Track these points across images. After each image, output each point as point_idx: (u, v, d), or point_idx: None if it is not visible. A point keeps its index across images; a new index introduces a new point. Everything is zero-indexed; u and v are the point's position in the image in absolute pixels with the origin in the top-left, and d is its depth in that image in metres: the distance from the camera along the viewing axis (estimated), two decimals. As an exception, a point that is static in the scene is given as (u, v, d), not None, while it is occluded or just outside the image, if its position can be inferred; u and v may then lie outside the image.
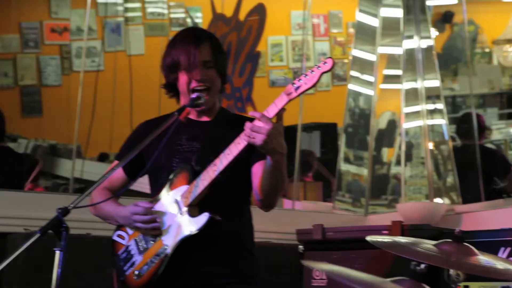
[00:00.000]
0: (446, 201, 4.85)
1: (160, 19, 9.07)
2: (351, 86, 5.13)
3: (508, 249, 3.24)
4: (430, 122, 4.96)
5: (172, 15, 9.22)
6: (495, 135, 11.33)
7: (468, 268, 2.54)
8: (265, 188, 2.55)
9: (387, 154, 5.02)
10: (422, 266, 2.01)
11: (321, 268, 2.18)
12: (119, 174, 2.75)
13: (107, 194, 2.73)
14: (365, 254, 3.53)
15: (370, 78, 5.01)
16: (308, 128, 8.18)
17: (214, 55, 2.69)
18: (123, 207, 2.69)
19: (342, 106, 5.18)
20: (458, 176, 4.99)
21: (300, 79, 2.45)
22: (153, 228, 2.60)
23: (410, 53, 4.94)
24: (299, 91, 2.44)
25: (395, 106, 4.97)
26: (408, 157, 4.90)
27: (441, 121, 5.02)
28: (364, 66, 5.05)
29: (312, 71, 2.44)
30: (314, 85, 2.44)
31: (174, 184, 2.65)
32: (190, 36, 2.72)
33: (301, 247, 3.87)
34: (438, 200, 4.82)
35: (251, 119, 2.48)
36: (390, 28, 4.99)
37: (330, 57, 2.48)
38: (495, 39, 11.34)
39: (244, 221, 2.71)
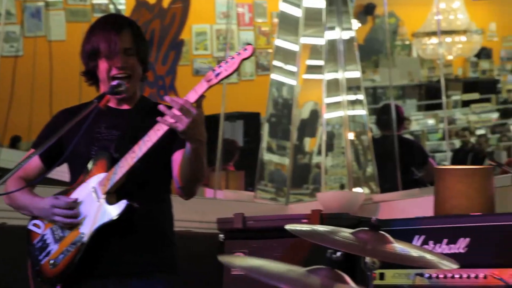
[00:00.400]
0: (366, 190, 4.94)
1: (82, 5, 8.91)
2: (274, 76, 5.16)
3: (423, 237, 3.32)
4: (351, 112, 5.03)
5: (95, 1, 9.07)
6: (414, 126, 11.59)
7: (383, 255, 2.60)
8: (185, 175, 2.55)
9: (309, 144, 5.07)
10: (338, 254, 2.04)
11: (237, 265, 2.19)
12: (35, 162, 2.70)
13: (22, 183, 2.67)
14: (285, 242, 3.56)
15: (293, 68, 5.05)
16: (231, 117, 8.20)
17: (135, 43, 2.66)
18: (40, 199, 2.64)
19: (266, 96, 5.20)
20: (377, 166, 5.09)
21: (220, 66, 2.45)
22: (72, 222, 2.57)
23: (332, 44, 5.00)
24: (219, 77, 2.44)
25: (317, 96, 5.02)
26: (330, 147, 4.96)
27: (361, 111, 5.10)
28: (287, 56, 5.08)
29: (233, 57, 2.45)
30: (234, 72, 2.44)
31: (92, 172, 2.62)
32: (111, 23, 2.68)
33: (221, 236, 3.88)
34: (358, 189, 4.90)
35: (171, 106, 2.47)
36: (313, 18, 5.03)
37: (250, 44, 2.48)
38: (414, 32, 11.59)
39: (164, 209, 2.70)
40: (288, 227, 2.58)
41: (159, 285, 2.62)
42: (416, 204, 4.25)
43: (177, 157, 2.60)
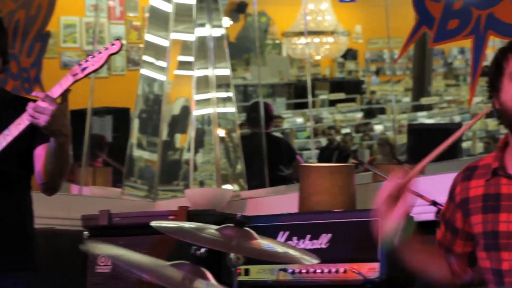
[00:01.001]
0: (236, 187, 4.98)
1: None
2: (144, 71, 5.11)
3: (287, 233, 3.40)
4: (221, 110, 5.06)
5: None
6: (283, 124, 11.82)
7: (248, 251, 2.64)
8: (48, 171, 2.50)
9: (180, 140, 5.06)
10: (202, 250, 2.05)
11: (101, 251, 2.17)
12: None
13: None
14: (151, 239, 3.55)
15: (163, 64, 5.02)
16: (100, 112, 8.06)
17: (-6, 33, 2.58)
18: None
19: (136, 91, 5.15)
20: (246, 163, 5.15)
21: (87, 60, 2.43)
22: None
23: (202, 40, 5.00)
24: (86, 72, 2.42)
25: (188, 92, 5.02)
26: (200, 144, 4.98)
27: (231, 109, 5.14)
28: (158, 51, 5.05)
29: (100, 52, 2.43)
30: (101, 67, 2.43)
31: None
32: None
33: (86, 233, 3.81)
34: (227, 186, 4.94)
35: (34, 100, 2.42)
36: (183, 14, 5.02)
37: (118, 39, 2.47)
38: (284, 31, 11.81)
39: (23, 206, 2.62)
40: (153, 224, 2.57)
41: (17, 282, 2.54)
42: (282, 201, 4.33)
43: (40, 152, 2.54)
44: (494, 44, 4.63)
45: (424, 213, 3.43)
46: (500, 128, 9.27)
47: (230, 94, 5.12)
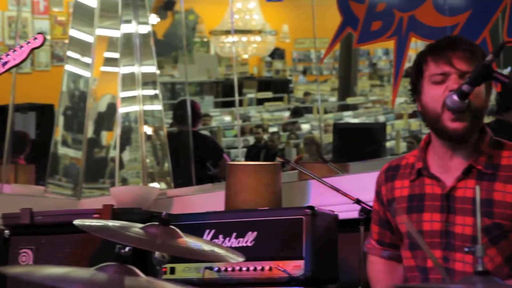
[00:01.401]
0: (163, 185, 4.95)
1: None
2: (69, 67, 5.02)
3: (213, 231, 3.39)
4: (148, 107, 5.02)
5: None
6: (211, 122, 11.81)
7: (173, 250, 2.62)
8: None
9: (106, 137, 5.00)
10: (127, 249, 2.03)
11: (22, 275, 2.10)
12: None
13: None
14: (74, 238, 3.49)
15: (88, 60, 4.94)
16: (23, 108, 7.88)
17: None
18: None
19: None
20: (173, 161, 5.12)
21: (8, 54, 2.39)
22: None
23: (128, 37, 4.95)
24: (7, 66, 2.37)
25: (115, 89, 4.96)
26: (127, 142, 4.92)
27: (157, 107, 5.10)
28: (83, 47, 4.97)
29: (21, 46, 2.39)
30: (23, 61, 2.39)
31: None
32: None
33: (7, 232, 3.72)
34: (154, 184, 4.90)
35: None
36: (109, 10, 4.95)
37: (41, 33, 2.43)
38: (212, 29, 11.79)
39: None
40: (76, 222, 2.53)
41: None
42: (209, 199, 4.32)
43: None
44: (417, 46, 4.73)
45: (348, 211, 3.48)
46: (423, 128, 9.49)
47: (157, 91, 5.09)
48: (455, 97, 2.15)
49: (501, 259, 2.19)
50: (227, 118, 12.35)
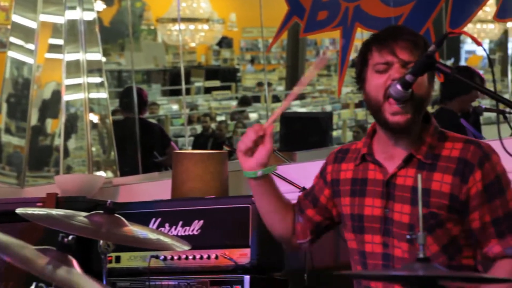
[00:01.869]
0: (109, 174, 4.91)
1: None
2: (12, 54, 4.94)
3: (159, 220, 3.38)
4: (94, 95, 4.97)
5: None
6: (158, 111, 11.74)
7: (119, 238, 2.61)
8: None
9: (51, 125, 4.93)
10: (70, 237, 2.01)
11: None
12: None
13: None
14: (17, 227, 3.44)
15: (32, 47, 4.86)
16: (-36, 95, 7.71)
17: None
18: None
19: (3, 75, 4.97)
20: (120, 149, 5.08)
21: None
22: None
23: (72, 24, 4.88)
24: None
25: (59, 77, 4.89)
26: (73, 129, 4.86)
27: (103, 95, 5.05)
28: (26, 33, 4.88)
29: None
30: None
31: None
32: None
33: None
34: (101, 173, 4.86)
35: None
36: (53, -4, 4.88)
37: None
38: (159, 17, 11.70)
39: None
40: (19, 211, 2.50)
41: None
42: (156, 188, 4.30)
43: None
44: (363, 36, 4.77)
45: (294, 199, 3.51)
46: (369, 117, 9.59)
47: (102, 79, 5.03)
48: (398, 87, 2.18)
49: (437, 247, 2.24)
50: (175, 107, 12.29)
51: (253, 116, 12.15)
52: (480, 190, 2.22)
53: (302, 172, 3.77)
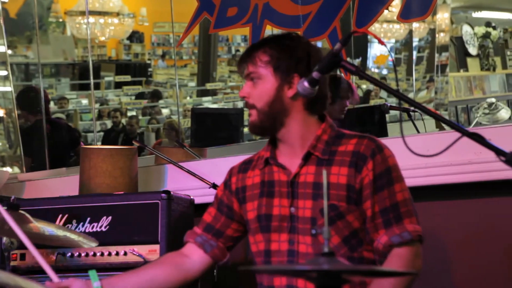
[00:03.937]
0: (16, 169, 4.80)
1: None
2: None
3: (66, 216, 3.33)
4: (-1, 89, 4.85)
5: None
6: (68, 106, 11.51)
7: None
8: None
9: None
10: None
11: None
12: None
13: None
14: None
15: None
16: None
17: None
18: None
19: None
20: (27, 145, 4.97)
21: None
22: None
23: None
24: None
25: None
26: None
27: (8, 88, 4.93)
28: None
29: None
30: None
31: None
32: None
33: None
34: (7, 168, 4.74)
35: None
36: None
37: None
38: (68, 10, 11.46)
39: None
40: None
41: None
42: (63, 183, 4.23)
43: None
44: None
45: (204, 195, 3.52)
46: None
47: (7, 72, 4.91)
48: (305, 84, 2.22)
49: (338, 239, 2.32)
50: (84, 101, 12.08)
51: (165, 111, 12.08)
52: (371, 179, 2.32)
53: (212, 168, 3.78)
